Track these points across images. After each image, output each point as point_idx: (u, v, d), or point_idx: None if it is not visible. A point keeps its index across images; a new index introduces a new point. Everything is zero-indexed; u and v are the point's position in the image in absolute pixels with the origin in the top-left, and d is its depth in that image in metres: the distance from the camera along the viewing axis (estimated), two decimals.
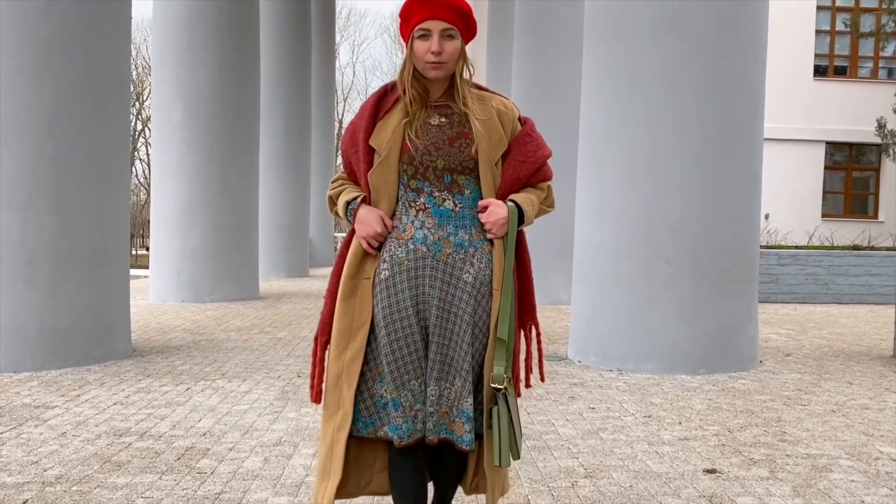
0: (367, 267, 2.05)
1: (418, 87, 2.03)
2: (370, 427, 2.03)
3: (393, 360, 1.98)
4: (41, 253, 4.87)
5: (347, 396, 2.00)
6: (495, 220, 2.02)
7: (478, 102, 2.07)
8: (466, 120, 2.04)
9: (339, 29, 38.36)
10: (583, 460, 3.17)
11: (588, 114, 5.53)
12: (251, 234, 9.51)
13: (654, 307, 5.08)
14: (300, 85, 13.68)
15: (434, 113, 2.05)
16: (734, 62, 5.11)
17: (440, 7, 1.96)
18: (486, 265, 2.04)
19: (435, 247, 2.02)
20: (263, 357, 5.46)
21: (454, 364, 1.99)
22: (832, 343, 6.64)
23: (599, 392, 4.48)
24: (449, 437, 2.00)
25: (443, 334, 2.00)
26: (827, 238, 14.03)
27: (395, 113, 2.04)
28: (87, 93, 5.06)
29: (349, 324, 2.03)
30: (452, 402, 1.99)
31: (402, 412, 1.98)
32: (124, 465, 3.01)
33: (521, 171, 2.07)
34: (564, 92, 8.67)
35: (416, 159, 2.01)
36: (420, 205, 2.03)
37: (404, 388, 1.98)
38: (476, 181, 2.05)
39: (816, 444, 3.45)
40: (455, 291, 2.01)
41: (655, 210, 5.08)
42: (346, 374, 2.01)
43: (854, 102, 17.66)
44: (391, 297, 2.01)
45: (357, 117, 2.11)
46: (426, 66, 1.99)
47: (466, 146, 2.02)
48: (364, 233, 2.03)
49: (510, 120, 2.09)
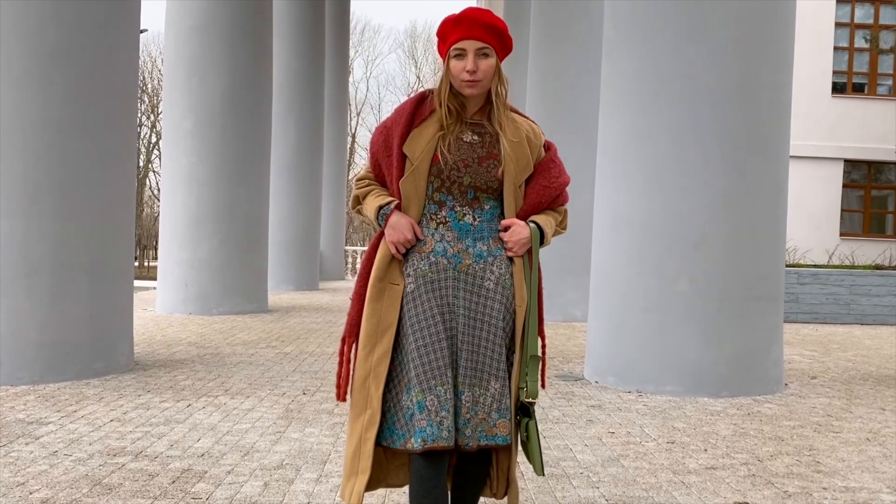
0: (395, 273, 2.10)
1: (455, 104, 2.10)
2: (401, 440, 2.03)
3: (420, 365, 1.99)
4: (43, 262, 4.73)
5: (375, 396, 2.03)
6: (518, 239, 2.10)
7: (511, 124, 2.12)
8: (497, 141, 2.10)
9: (354, 44, 38.54)
10: (604, 490, 2.96)
11: (607, 125, 5.35)
12: (261, 246, 9.37)
13: (675, 326, 4.87)
14: (313, 98, 13.60)
15: (468, 130, 2.11)
16: (760, 74, 4.93)
17: (475, 27, 2.03)
18: (506, 270, 2.11)
19: (455, 259, 2.08)
20: (269, 373, 5.28)
21: (488, 368, 2.02)
22: (858, 366, 6.39)
23: (619, 415, 4.27)
24: (490, 444, 2.02)
25: (473, 341, 2.03)
26: (847, 257, 13.74)
27: (431, 123, 2.10)
28: (94, 100, 4.93)
29: (376, 326, 2.06)
30: (490, 407, 2.02)
31: (426, 415, 1.96)
32: (115, 489, 2.83)
33: (543, 195, 2.15)
34: (581, 102, 8.51)
35: (443, 173, 2.07)
36: (441, 218, 2.09)
37: (430, 393, 1.97)
38: (497, 198, 2.12)
39: (854, 476, 3.23)
40: (479, 299, 2.06)
41: (678, 226, 4.88)
42: (373, 375, 2.05)
43: (873, 120, 17.38)
44: (417, 307, 2.04)
45: (391, 120, 2.14)
46: (462, 85, 2.06)
47: (494, 167, 2.09)
48: (395, 238, 2.07)
49: (537, 147, 2.17)
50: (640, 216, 5.00)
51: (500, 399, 2.01)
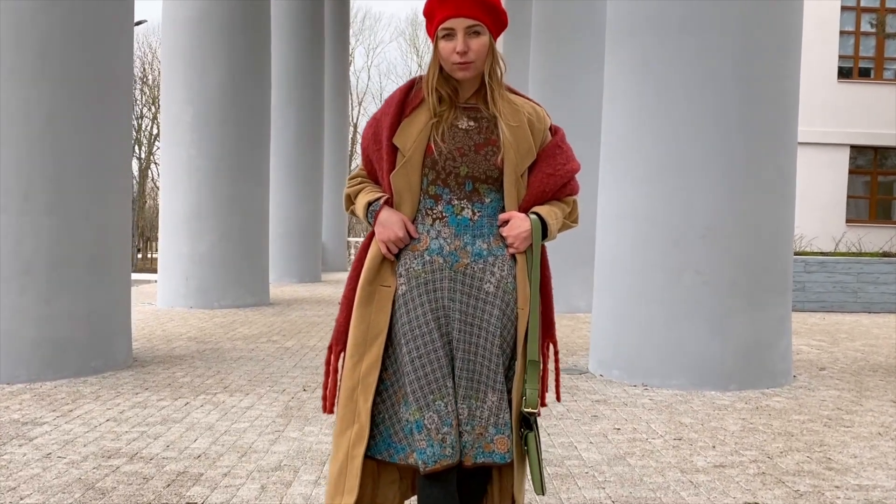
0: (386, 273, 1.93)
1: (447, 88, 1.92)
2: (401, 454, 1.88)
3: (415, 380, 1.83)
4: (37, 258, 4.65)
5: (364, 410, 1.87)
6: (517, 233, 1.90)
7: (509, 107, 1.93)
8: (495, 125, 1.92)
9: (354, 33, 38.29)
10: (610, 491, 2.89)
11: (611, 115, 5.24)
12: (261, 238, 9.28)
13: (681, 319, 4.78)
14: (313, 88, 13.46)
15: (462, 115, 1.93)
16: (767, 61, 4.81)
17: (464, 3, 1.84)
18: (509, 272, 1.91)
19: (452, 257, 1.90)
20: (269, 368, 5.21)
21: (484, 379, 1.85)
22: (867, 356, 6.29)
23: (624, 410, 4.19)
24: (487, 461, 1.84)
25: (468, 349, 1.86)
26: (854, 244, 13.61)
27: (423, 111, 1.92)
28: (87, 91, 4.84)
29: (365, 333, 1.89)
30: (487, 421, 1.85)
31: (425, 435, 1.81)
32: (108, 493, 2.76)
33: (548, 184, 1.95)
34: (584, 92, 8.38)
35: (438, 164, 1.89)
36: (437, 213, 1.92)
37: (428, 410, 1.82)
38: (498, 190, 1.93)
39: (867, 474, 3.14)
40: (477, 303, 1.88)
41: (684, 217, 4.78)
42: (361, 387, 1.88)
43: (879, 105, 17.17)
44: (410, 312, 1.88)
45: (381, 112, 1.98)
46: (453, 68, 1.88)
47: (493, 154, 1.90)
48: (385, 237, 1.90)
49: (541, 130, 1.97)
50: (645, 207, 4.90)
51: (498, 413, 1.84)
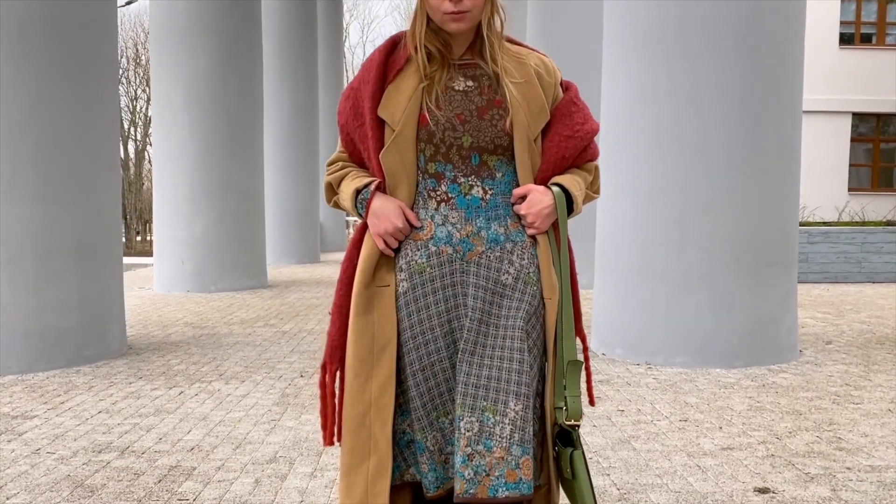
0: (385, 272, 1.61)
1: (437, 43, 1.59)
2: (396, 472, 1.61)
3: (417, 396, 1.56)
4: (24, 247, 4.54)
5: (382, 437, 1.56)
6: (538, 210, 1.59)
7: (513, 61, 1.61)
8: (499, 84, 1.59)
9: (349, 8, 37.76)
10: (615, 478, 2.80)
11: (611, 85, 5.09)
12: (257, 220, 9.16)
13: (685, 295, 4.68)
14: (306, 65, 13.23)
15: (458, 75, 1.60)
16: (770, 28, 4.65)
17: None
18: (530, 262, 1.61)
19: (463, 246, 1.59)
20: (266, 354, 5.12)
21: (504, 385, 1.51)
22: (874, 328, 6.20)
23: (628, 390, 4.10)
24: (513, 495, 1.47)
25: (482, 352, 1.54)
26: (857, 213, 13.48)
27: (410, 74, 1.58)
28: (71, 73, 4.68)
29: (369, 346, 1.57)
30: (509, 440, 1.48)
31: (427, 457, 1.57)
32: (97, 491, 2.68)
33: (567, 147, 1.62)
34: (581, 60, 8.18)
35: (436, 136, 1.57)
36: (441, 194, 1.59)
37: (431, 429, 1.57)
38: (510, 161, 1.61)
39: (879, 454, 3.06)
40: (493, 297, 1.58)
41: (687, 191, 4.66)
42: (375, 410, 1.56)
43: (881, 71, 16.94)
44: (412, 316, 1.58)
45: (358, 80, 1.62)
46: (444, 19, 1.54)
47: (499, 118, 1.58)
48: (381, 229, 1.58)
49: (551, 85, 1.64)
50: (647, 181, 4.77)
51: (524, 427, 1.49)
